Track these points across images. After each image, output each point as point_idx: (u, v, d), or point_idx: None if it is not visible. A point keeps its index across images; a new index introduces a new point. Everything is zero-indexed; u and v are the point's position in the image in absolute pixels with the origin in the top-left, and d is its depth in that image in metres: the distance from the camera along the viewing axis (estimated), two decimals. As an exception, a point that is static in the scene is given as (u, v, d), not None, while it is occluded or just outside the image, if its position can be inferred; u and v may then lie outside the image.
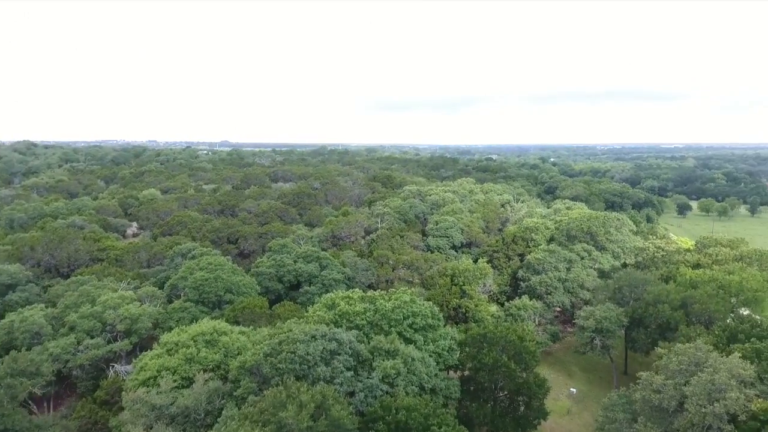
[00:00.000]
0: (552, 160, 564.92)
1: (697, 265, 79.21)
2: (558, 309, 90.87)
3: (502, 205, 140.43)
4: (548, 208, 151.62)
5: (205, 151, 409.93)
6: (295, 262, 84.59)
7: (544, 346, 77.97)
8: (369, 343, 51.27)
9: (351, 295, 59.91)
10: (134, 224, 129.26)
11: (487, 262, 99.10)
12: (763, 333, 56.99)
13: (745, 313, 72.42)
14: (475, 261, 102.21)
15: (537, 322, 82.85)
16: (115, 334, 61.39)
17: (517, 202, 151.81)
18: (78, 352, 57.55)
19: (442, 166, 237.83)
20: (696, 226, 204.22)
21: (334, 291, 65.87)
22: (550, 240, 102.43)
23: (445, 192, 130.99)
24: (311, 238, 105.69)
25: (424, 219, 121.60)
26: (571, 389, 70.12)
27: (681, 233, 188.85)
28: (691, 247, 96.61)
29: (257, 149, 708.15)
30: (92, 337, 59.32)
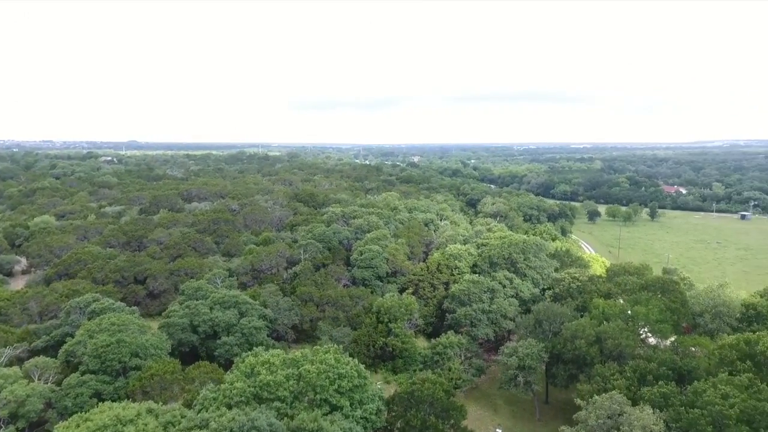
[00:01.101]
0: (472, 162, 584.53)
1: (608, 295, 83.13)
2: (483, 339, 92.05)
3: (426, 224, 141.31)
4: (470, 224, 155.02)
5: (109, 158, 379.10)
6: (211, 309, 78.90)
7: (470, 384, 78.41)
8: (292, 420, 48.20)
9: (272, 359, 56.25)
10: (23, 260, 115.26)
11: (413, 293, 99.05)
12: (667, 372, 60.81)
13: (651, 341, 77.37)
14: (401, 291, 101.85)
15: (463, 357, 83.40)
16: (-5, 420, 53.41)
17: (441, 220, 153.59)
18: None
19: (366, 177, 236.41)
20: (604, 232, 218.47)
21: (255, 348, 61.75)
22: (474, 266, 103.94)
23: (370, 214, 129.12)
24: (229, 275, 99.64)
25: (349, 244, 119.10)
26: (497, 430, 70.89)
27: (591, 240, 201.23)
28: (603, 274, 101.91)
29: (169, 152, 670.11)
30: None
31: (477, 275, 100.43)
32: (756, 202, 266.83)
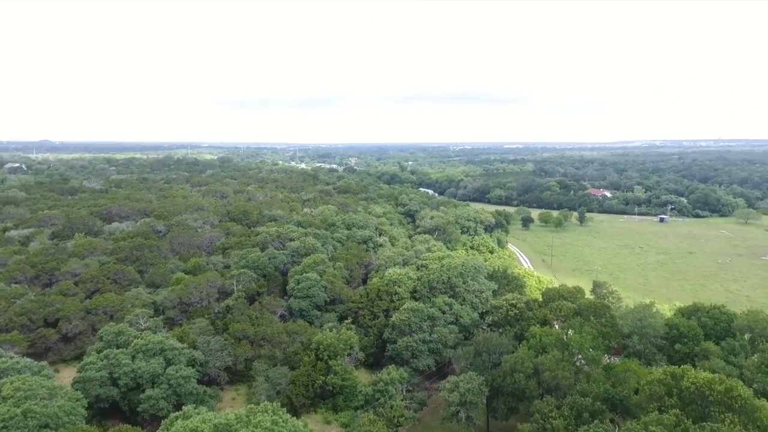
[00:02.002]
0: (410, 165, 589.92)
1: (544, 321, 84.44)
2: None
3: (365, 242, 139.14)
4: (410, 239, 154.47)
5: (17, 165, 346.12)
6: (133, 358, 72.41)
7: (411, 421, 77.03)
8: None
9: (201, 427, 51.61)
10: None
11: (353, 322, 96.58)
12: (602, 407, 62.30)
13: (586, 369, 79.25)
14: (341, 320, 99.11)
15: (405, 391, 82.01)
16: None
17: (380, 236, 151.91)
18: None
19: (302, 187, 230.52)
20: (538, 238, 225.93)
21: (184, 407, 56.81)
22: (414, 291, 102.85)
23: (306, 235, 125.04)
24: (154, 309, 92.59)
25: (285, 269, 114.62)
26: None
27: (526, 248, 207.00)
28: (538, 292, 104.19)
29: (87, 155, 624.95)
30: None
31: (417, 302, 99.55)
32: (673, 206, 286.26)
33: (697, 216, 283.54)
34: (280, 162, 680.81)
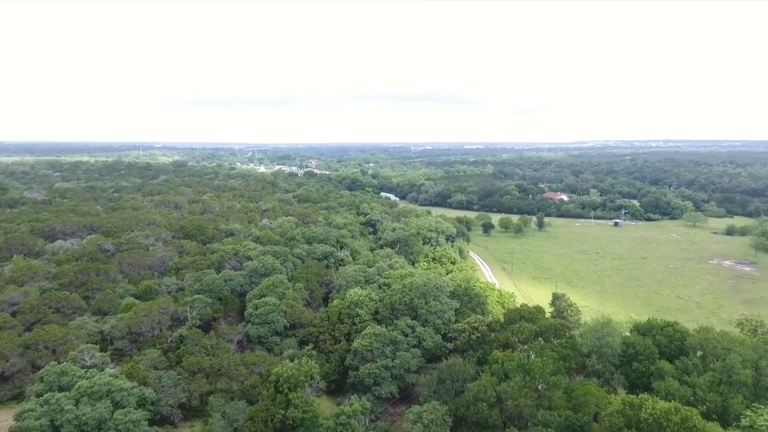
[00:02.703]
0: (371, 167, 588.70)
1: (506, 344, 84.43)
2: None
3: (326, 257, 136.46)
4: (371, 251, 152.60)
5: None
6: (77, 402, 67.52)
7: (376, 454, 75.39)
8: None
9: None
10: None
11: (314, 347, 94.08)
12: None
13: (546, 393, 79.61)
14: (301, 344, 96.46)
15: (368, 422, 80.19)
16: None
17: (341, 249, 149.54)
18: None
19: (261, 196, 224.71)
20: (498, 245, 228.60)
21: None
22: (375, 313, 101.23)
23: (265, 254, 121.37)
24: (101, 344, 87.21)
25: (243, 291, 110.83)
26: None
27: (487, 255, 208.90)
28: (499, 308, 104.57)
29: (30, 158, 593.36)
30: None
31: (379, 324, 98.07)
32: (626, 210, 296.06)
33: (649, 219, 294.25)
34: (238, 164, 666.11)
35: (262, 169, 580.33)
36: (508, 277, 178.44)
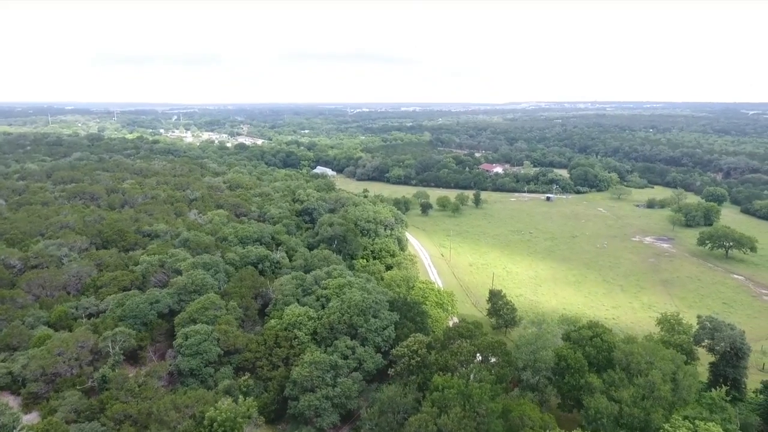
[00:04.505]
0: (306, 133, 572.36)
1: (446, 367, 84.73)
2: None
3: (260, 262, 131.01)
4: (309, 250, 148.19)
5: None
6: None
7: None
8: None
9: None
10: None
11: (250, 376, 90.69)
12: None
13: (485, 418, 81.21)
14: (237, 371, 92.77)
15: (308, 457, 78.86)
16: None
17: (276, 248, 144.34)
18: None
19: (188, 183, 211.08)
20: (436, 226, 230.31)
21: None
22: (314, 333, 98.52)
23: (195, 267, 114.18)
24: (12, 382, 79.04)
25: (172, 311, 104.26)
26: None
27: (425, 240, 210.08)
28: (439, 323, 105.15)
29: None
30: None
31: (318, 345, 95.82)
32: (557, 184, 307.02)
33: (579, 192, 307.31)
34: (162, 131, 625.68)
35: (189, 138, 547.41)
36: (447, 263, 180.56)
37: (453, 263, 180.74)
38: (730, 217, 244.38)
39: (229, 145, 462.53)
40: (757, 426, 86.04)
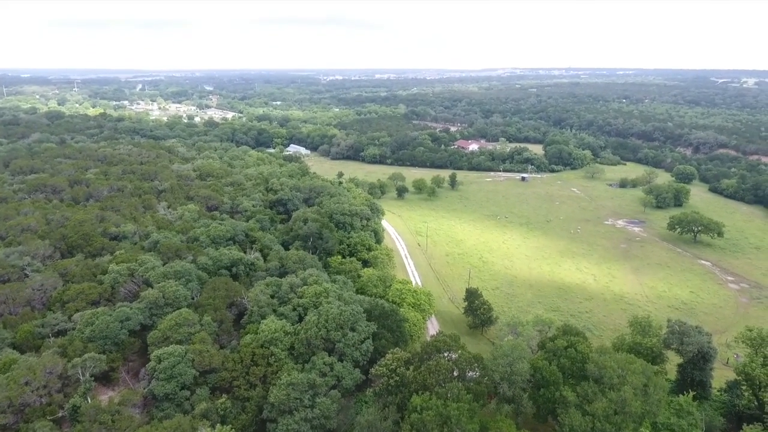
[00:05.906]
0: (278, 105, 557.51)
1: (424, 386, 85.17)
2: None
3: (234, 264, 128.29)
4: (284, 247, 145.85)
5: None
6: None
7: None
8: None
9: None
10: None
11: (227, 398, 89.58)
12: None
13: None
14: (213, 392, 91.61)
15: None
16: None
17: (250, 246, 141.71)
18: None
19: (156, 172, 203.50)
20: (412, 212, 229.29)
21: None
22: (291, 348, 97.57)
23: (167, 278, 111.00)
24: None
25: (143, 327, 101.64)
26: None
27: (402, 227, 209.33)
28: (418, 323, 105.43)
29: None
30: None
31: (295, 361, 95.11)
32: (532, 164, 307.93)
33: (553, 171, 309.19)
34: (126, 104, 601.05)
35: (155, 112, 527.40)
36: (423, 254, 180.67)
37: (429, 253, 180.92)
38: (698, 197, 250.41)
39: (198, 119, 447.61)
40: (720, 426, 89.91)
